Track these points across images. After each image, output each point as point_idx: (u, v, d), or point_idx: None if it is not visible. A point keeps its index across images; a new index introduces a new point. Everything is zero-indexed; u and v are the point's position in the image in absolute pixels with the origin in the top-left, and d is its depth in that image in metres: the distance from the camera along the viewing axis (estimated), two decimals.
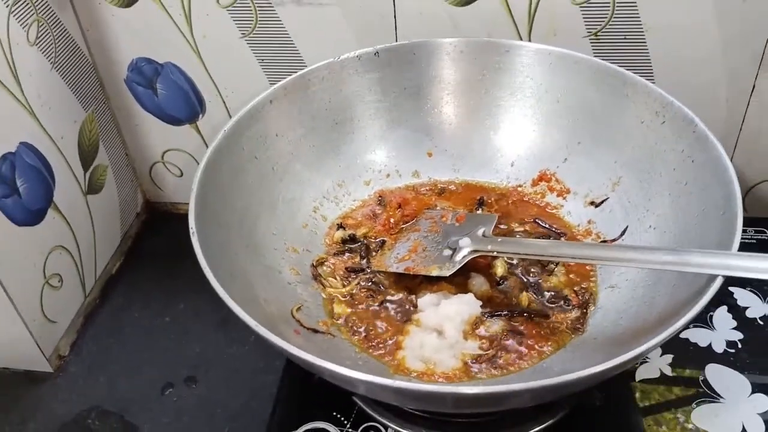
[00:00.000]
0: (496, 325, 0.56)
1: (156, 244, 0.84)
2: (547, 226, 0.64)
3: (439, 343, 0.55)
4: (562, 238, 0.63)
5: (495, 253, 0.58)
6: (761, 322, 0.64)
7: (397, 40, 0.69)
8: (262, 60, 0.72)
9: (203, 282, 0.47)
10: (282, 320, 0.54)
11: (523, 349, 0.54)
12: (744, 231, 0.69)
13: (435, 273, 0.58)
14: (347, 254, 0.63)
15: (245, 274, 0.55)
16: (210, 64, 0.73)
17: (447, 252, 0.60)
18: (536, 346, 0.55)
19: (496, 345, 0.55)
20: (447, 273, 0.58)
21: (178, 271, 0.71)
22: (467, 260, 0.58)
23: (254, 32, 0.70)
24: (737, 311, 0.65)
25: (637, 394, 0.59)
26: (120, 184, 0.81)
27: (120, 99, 0.78)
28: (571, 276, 0.60)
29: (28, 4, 0.64)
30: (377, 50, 0.65)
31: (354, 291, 0.60)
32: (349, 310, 0.59)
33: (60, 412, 0.65)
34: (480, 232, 0.60)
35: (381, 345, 0.56)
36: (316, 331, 0.55)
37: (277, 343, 0.43)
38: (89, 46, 0.74)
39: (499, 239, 0.59)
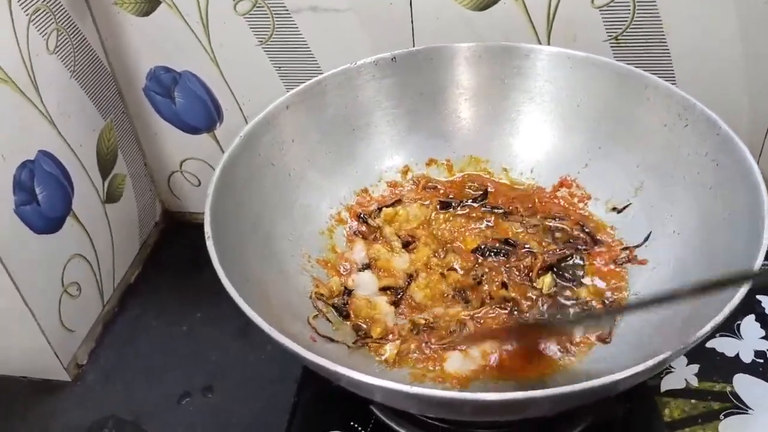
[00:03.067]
0: None
1: (174, 254, 0.84)
2: (587, 230, 0.63)
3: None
4: (596, 247, 0.62)
5: None
6: None
7: (414, 46, 0.68)
8: (279, 67, 0.72)
9: (220, 291, 0.46)
10: (298, 327, 0.53)
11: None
12: None
13: None
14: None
15: (261, 280, 0.54)
16: (227, 72, 0.73)
17: None
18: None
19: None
20: None
21: (196, 280, 0.70)
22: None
23: (271, 39, 0.70)
24: (765, 320, 0.63)
25: (662, 406, 0.58)
26: (138, 193, 0.81)
27: (138, 108, 0.78)
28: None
29: (47, 13, 0.64)
30: (394, 56, 0.65)
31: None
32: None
33: (77, 420, 0.65)
34: None
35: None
36: (332, 340, 0.55)
37: (294, 349, 0.43)
38: (108, 54, 0.74)
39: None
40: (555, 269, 0.60)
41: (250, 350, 0.69)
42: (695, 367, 0.60)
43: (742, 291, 0.44)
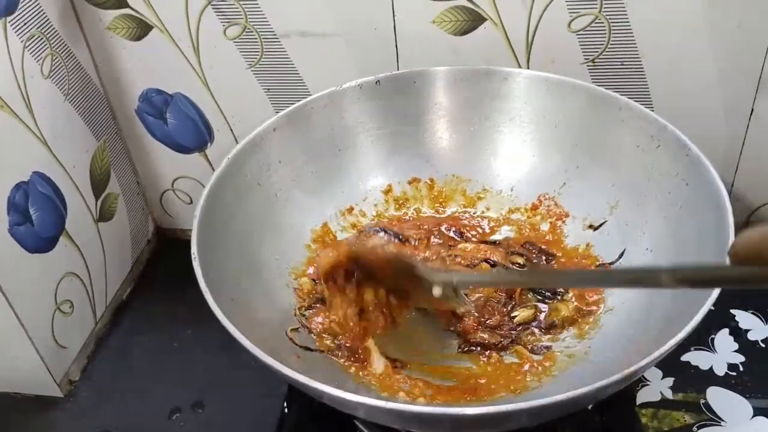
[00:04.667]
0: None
1: (166, 271, 0.85)
2: (538, 248, 0.65)
3: None
4: (553, 261, 0.64)
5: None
6: (763, 345, 0.64)
7: (398, 69, 0.70)
8: (268, 89, 0.74)
9: (210, 308, 0.48)
10: (283, 344, 0.55)
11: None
12: None
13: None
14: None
15: (247, 298, 0.56)
16: (218, 94, 0.75)
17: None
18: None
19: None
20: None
21: (187, 297, 0.70)
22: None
23: (260, 63, 0.72)
24: (739, 334, 0.65)
25: (638, 418, 0.59)
26: (131, 212, 0.83)
27: (131, 129, 0.80)
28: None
29: (42, 38, 0.66)
30: (378, 79, 0.67)
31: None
32: None
33: None
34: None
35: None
36: (310, 349, 0.56)
37: (273, 365, 0.44)
38: (101, 77, 0.76)
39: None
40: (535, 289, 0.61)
41: (239, 366, 0.70)
42: (670, 380, 0.61)
43: (708, 304, 0.45)
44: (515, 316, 0.59)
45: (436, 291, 0.52)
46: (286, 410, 0.64)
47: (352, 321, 0.56)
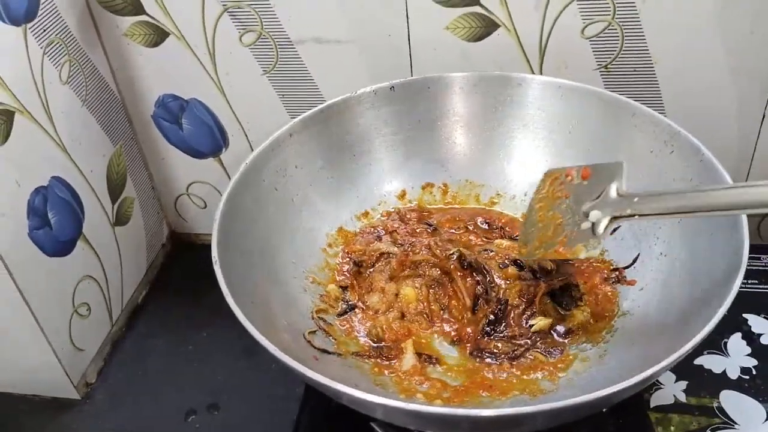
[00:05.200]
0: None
1: (180, 274, 0.86)
2: None
3: None
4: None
5: (637, 216, 0.50)
6: None
7: (412, 75, 0.71)
8: (283, 95, 0.75)
9: (225, 310, 0.48)
10: (300, 347, 0.56)
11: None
12: (758, 258, 0.71)
13: (583, 255, 0.52)
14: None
15: (266, 301, 0.56)
16: (233, 100, 0.76)
17: (586, 225, 0.52)
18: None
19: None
20: (595, 252, 0.52)
21: (201, 300, 0.72)
22: (611, 231, 0.52)
23: (275, 69, 0.73)
24: (751, 338, 0.65)
25: (651, 422, 0.60)
26: (146, 216, 0.84)
27: (147, 134, 0.81)
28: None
29: (60, 45, 0.67)
30: (393, 85, 0.67)
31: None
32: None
33: None
34: (613, 191, 0.52)
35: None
36: (327, 352, 0.57)
37: (297, 367, 0.45)
38: (118, 83, 0.77)
39: (636, 198, 0.50)
40: (554, 294, 0.61)
41: (254, 368, 0.71)
42: (683, 384, 0.62)
43: (723, 309, 0.46)
44: (533, 325, 0.59)
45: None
46: (301, 413, 0.65)
47: (395, 324, 0.59)
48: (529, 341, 0.58)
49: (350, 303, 0.63)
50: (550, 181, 0.59)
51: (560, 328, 0.59)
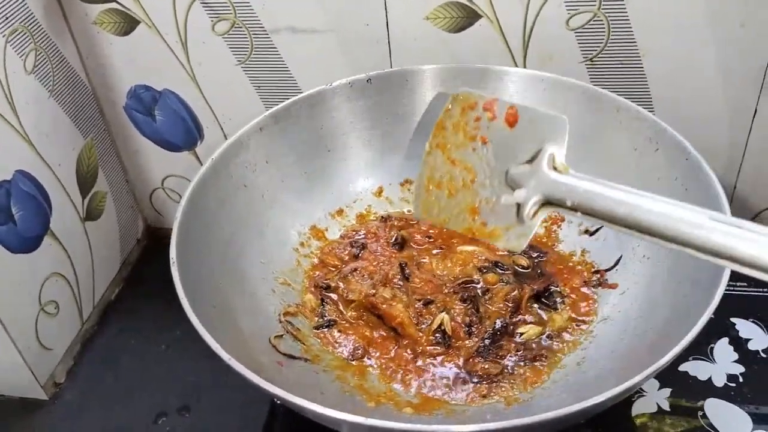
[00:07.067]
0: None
1: (156, 270, 0.83)
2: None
3: None
4: (544, 258, 0.62)
5: (579, 213, 0.37)
6: (764, 355, 0.62)
7: (391, 66, 0.68)
8: (259, 86, 0.72)
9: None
10: (266, 353, 0.54)
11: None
12: None
13: (501, 244, 0.40)
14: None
15: (229, 305, 0.54)
16: (207, 91, 0.74)
17: (508, 199, 0.39)
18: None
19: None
20: (520, 246, 0.39)
21: (177, 297, 0.70)
22: (540, 222, 0.38)
23: (250, 59, 0.70)
24: (739, 344, 0.63)
25: (634, 430, 0.57)
26: (120, 210, 0.81)
27: (119, 126, 0.78)
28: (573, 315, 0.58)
29: (25, 33, 0.64)
30: (369, 77, 0.65)
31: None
32: None
33: None
34: (547, 161, 0.38)
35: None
36: (294, 357, 0.55)
37: (252, 379, 0.43)
38: (88, 74, 0.74)
39: (583, 183, 0.37)
40: (539, 297, 0.59)
41: (227, 369, 0.68)
42: (667, 391, 0.60)
43: (705, 317, 0.44)
44: (522, 334, 0.56)
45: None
46: (272, 416, 0.63)
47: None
48: (518, 353, 0.56)
49: (328, 318, 0.60)
50: (461, 108, 0.42)
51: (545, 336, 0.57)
